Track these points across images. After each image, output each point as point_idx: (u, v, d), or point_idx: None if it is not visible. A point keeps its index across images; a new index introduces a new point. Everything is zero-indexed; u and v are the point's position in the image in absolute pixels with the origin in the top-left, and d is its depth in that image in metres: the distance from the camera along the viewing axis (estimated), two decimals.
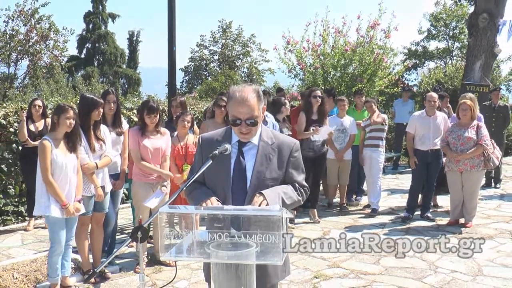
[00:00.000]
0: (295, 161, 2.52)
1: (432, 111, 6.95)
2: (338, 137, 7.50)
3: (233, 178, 2.42)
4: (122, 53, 38.74)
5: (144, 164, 4.97)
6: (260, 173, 2.42)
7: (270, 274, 2.42)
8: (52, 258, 4.29)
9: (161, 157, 5.09)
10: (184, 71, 28.21)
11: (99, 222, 4.86)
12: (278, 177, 2.46)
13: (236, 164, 2.44)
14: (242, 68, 27.58)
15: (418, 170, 7.04)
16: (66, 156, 4.21)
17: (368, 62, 10.33)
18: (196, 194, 2.43)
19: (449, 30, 24.35)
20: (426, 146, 6.94)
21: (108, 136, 4.80)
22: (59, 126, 4.20)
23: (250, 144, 2.47)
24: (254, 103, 2.36)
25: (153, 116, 4.96)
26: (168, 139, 5.21)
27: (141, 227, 2.15)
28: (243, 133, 2.40)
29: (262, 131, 2.51)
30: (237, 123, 2.38)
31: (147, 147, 4.98)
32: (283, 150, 2.49)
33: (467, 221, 6.72)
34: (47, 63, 18.01)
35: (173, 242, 2.15)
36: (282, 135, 2.64)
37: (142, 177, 5.03)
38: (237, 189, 2.41)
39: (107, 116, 5.10)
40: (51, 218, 4.16)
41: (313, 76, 10.67)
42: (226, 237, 2.10)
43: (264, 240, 2.07)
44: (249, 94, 2.36)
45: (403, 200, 7.60)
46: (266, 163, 2.44)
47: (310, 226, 6.83)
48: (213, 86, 19.01)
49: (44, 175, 4.10)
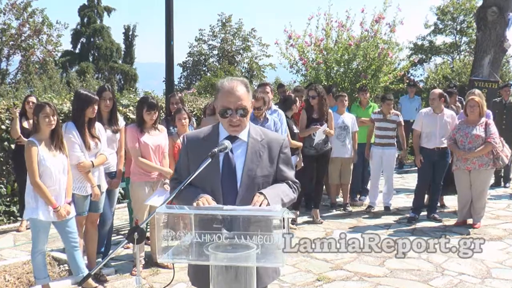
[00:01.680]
0: (285, 157, 2.53)
1: (439, 108, 6.95)
2: (339, 134, 7.51)
3: (222, 177, 2.40)
4: (118, 48, 38.74)
5: (144, 162, 4.97)
6: (251, 170, 2.41)
7: (261, 276, 2.37)
8: (35, 260, 4.27)
9: (161, 154, 5.10)
10: (182, 66, 28.17)
11: (94, 222, 4.86)
12: (269, 174, 2.46)
13: (225, 161, 2.42)
14: (242, 63, 27.54)
15: (424, 168, 7.04)
16: (55, 156, 4.19)
17: (372, 57, 10.30)
18: (187, 193, 2.38)
19: (457, 24, 24.31)
20: (432, 144, 6.94)
21: (103, 134, 4.80)
22: (40, 126, 4.17)
23: (239, 140, 2.46)
24: (244, 93, 2.39)
25: (153, 113, 4.97)
26: (166, 136, 5.23)
27: (138, 228, 2.14)
28: (233, 125, 2.39)
29: (250, 128, 2.51)
30: (227, 114, 2.38)
31: (148, 144, 4.98)
32: (272, 146, 2.49)
33: (475, 221, 6.72)
34: (40, 58, 18.02)
35: (170, 243, 2.14)
36: (270, 131, 2.65)
37: (142, 176, 5.02)
38: (227, 188, 2.40)
39: (103, 113, 5.09)
40: (37, 220, 4.15)
41: (315, 71, 10.65)
42: (225, 238, 2.09)
43: (264, 242, 2.06)
44: (238, 84, 2.40)
45: (408, 200, 7.61)
46: (257, 160, 2.44)
47: (312, 226, 6.84)
48: (212, 82, 18.96)
49: (32, 178, 4.08)
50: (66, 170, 4.29)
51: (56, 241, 5.46)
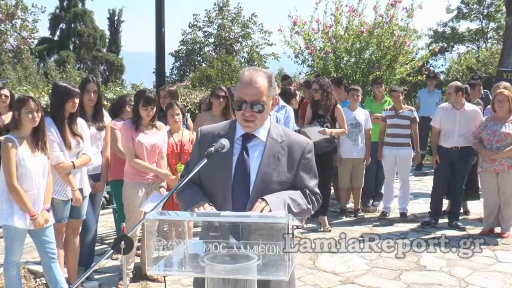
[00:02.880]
0: (307, 164, 2.52)
1: (458, 103, 6.93)
2: (350, 132, 7.48)
3: (234, 179, 2.42)
4: (102, 35, 38.74)
5: (138, 163, 4.97)
6: (266, 174, 2.42)
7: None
8: (8, 272, 4.22)
9: (157, 154, 5.11)
10: (174, 56, 28.22)
11: (76, 230, 4.85)
12: (286, 181, 2.46)
13: (239, 162, 2.44)
14: (241, 52, 27.59)
15: (440, 169, 7.09)
16: (35, 157, 4.16)
17: (387, 45, 10.32)
18: (187, 195, 2.42)
19: (483, 8, 24.32)
20: (449, 143, 6.95)
21: (86, 131, 4.79)
22: (21, 122, 4.14)
23: (257, 140, 2.48)
24: (264, 86, 2.40)
25: (150, 108, 4.97)
26: (165, 134, 5.24)
27: (125, 237, 2.15)
28: (246, 119, 2.41)
29: (271, 127, 2.52)
30: (241, 107, 2.39)
31: (142, 144, 4.98)
32: (294, 150, 2.50)
33: (504, 230, 6.71)
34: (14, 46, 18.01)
35: (161, 254, 2.15)
36: (294, 133, 2.66)
37: (136, 177, 5.02)
38: (238, 192, 2.41)
39: (87, 108, 5.09)
40: (12, 227, 4.13)
41: (323, 62, 10.66)
42: (223, 248, 2.10)
43: (267, 252, 2.07)
44: (259, 76, 2.41)
45: (427, 205, 7.60)
46: (274, 163, 2.45)
47: (320, 235, 6.83)
48: (208, 73, 19.00)
49: (8, 181, 4.04)
50: (46, 173, 4.27)
51: (33, 251, 5.44)
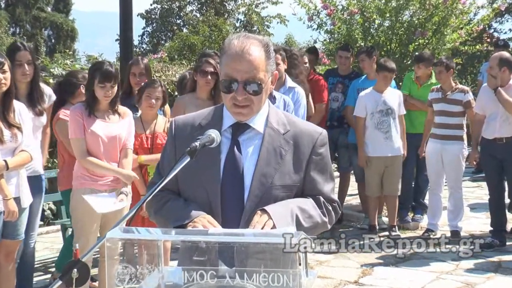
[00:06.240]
0: (319, 161, 2.52)
1: (503, 80, 6.85)
2: (380, 122, 7.48)
3: (223, 184, 2.42)
4: None
5: (92, 161, 4.98)
6: (265, 176, 2.42)
7: None
8: None
9: (120, 150, 5.12)
10: (145, 18, 28.22)
11: (11, 254, 4.87)
12: (293, 185, 2.47)
13: (229, 162, 2.44)
14: (235, 13, 27.56)
15: (487, 170, 7.23)
16: None
17: (434, 3, 10.30)
18: (172, 209, 2.41)
19: None
20: (490, 132, 6.95)
21: (26, 120, 4.78)
22: None
23: (251, 131, 2.48)
24: (260, 59, 2.38)
25: (109, 86, 4.96)
26: (131, 123, 5.26)
27: (79, 262, 2.15)
28: (238, 104, 2.40)
29: (270, 113, 2.52)
30: (231, 88, 2.37)
31: (97, 135, 4.99)
32: (301, 143, 2.49)
33: None
34: None
35: (128, 286, 2.16)
36: (301, 121, 2.67)
37: (88, 182, 5.03)
38: (229, 201, 2.42)
39: (19, 85, 5.06)
40: None
41: (347, 26, 10.64)
42: (211, 277, 2.11)
43: (270, 283, 2.08)
44: (253, 45, 2.39)
45: (488, 220, 7.61)
46: (275, 161, 2.45)
47: (341, 260, 6.82)
48: (190, 41, 19.01)
49: None
50: None
51: None
